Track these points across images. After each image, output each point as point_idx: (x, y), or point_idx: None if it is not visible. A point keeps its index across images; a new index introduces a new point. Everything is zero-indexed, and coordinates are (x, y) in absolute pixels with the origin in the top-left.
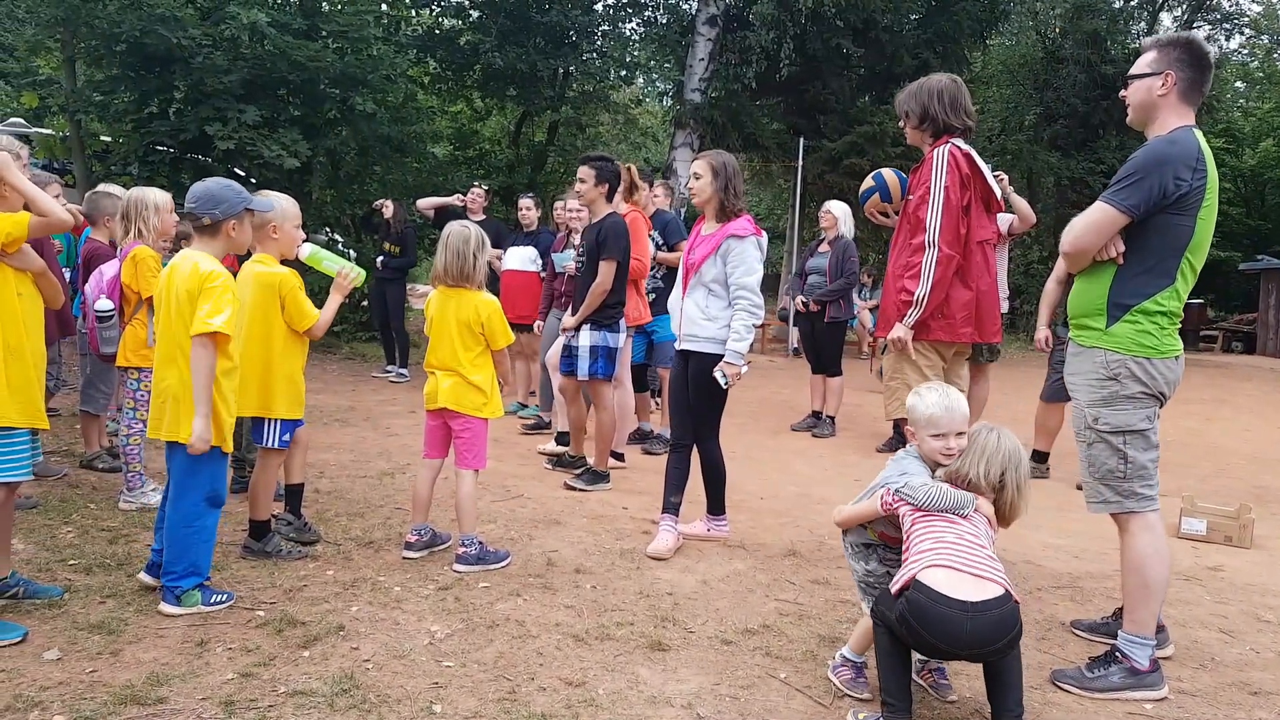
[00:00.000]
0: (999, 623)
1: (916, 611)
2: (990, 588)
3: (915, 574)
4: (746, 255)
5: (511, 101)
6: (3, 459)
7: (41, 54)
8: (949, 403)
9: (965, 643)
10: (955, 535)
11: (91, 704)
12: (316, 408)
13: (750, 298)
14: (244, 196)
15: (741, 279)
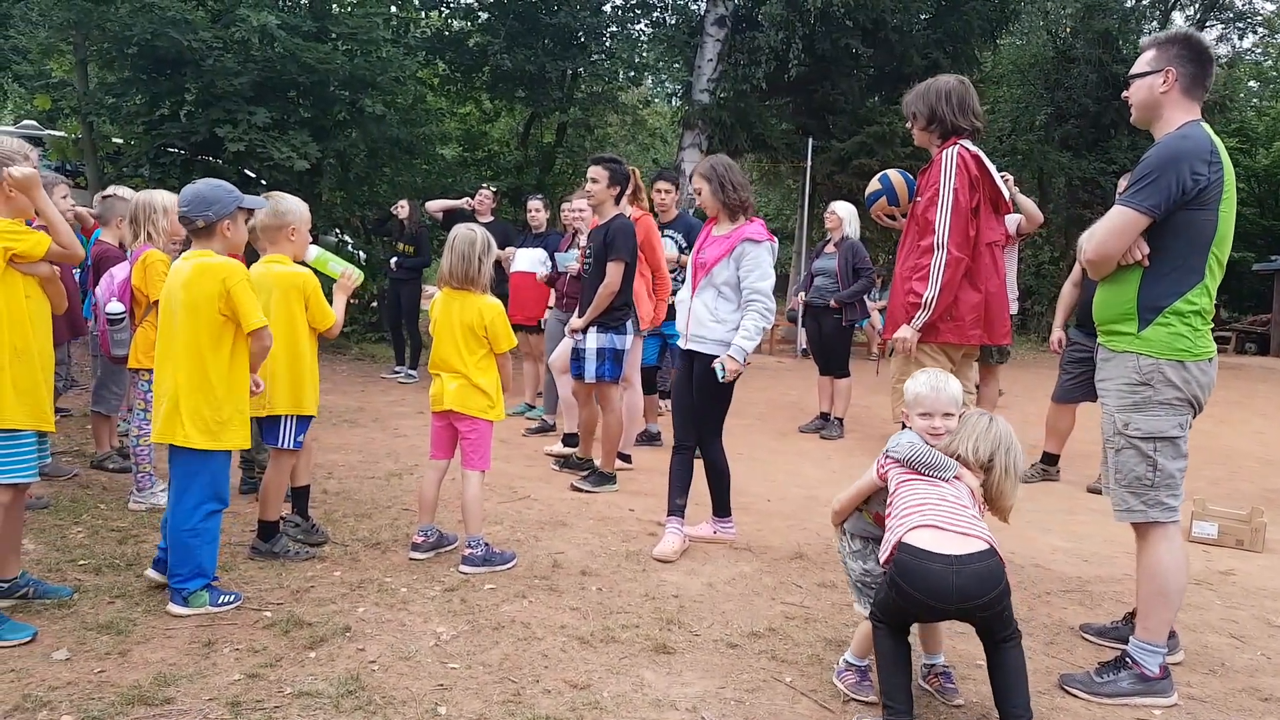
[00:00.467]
0: (984, 576)
1: (903, 571)
2: (974, 542)
3: (900, 537)
4: (761, 260)
5: (520, 103)
6: (10, 461)
7: (54, 57)
8: (936, 383)
9: (952, 597)
10: (938, 496)
11: (99, 704)
12: (326, 408)
13: (764, 301)
14: (235, 195)
15: (756, 283)
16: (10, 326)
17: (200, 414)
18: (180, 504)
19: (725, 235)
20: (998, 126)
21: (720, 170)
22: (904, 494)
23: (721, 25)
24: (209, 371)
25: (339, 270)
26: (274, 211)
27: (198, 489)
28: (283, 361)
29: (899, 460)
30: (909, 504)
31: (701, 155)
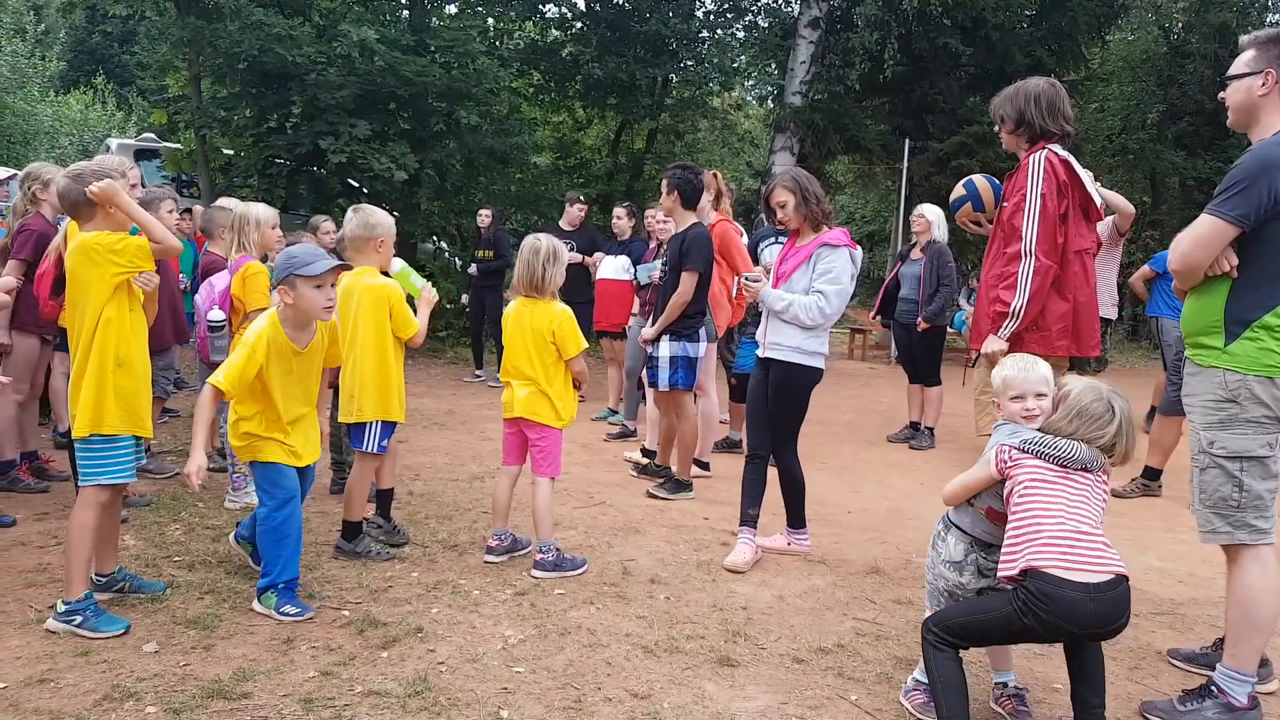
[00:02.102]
0: (1119, 602)
1: (1040, 599)
2: (1107, 564)
3: (1032, 563)
4: (835, 264)
5: (611, 110)
6: (109, 463)
7: (170, 73)
8: (1024, 363)
9: (1088, 624)
10: (1066, 502)
11: (181, 696)
12: (417, 411)
13: (821, 302)
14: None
15: (824, 285)
16: (118, 339)
17: None
18: (262, 508)
19: (805, 245)
20: (1107, 125)
21: (803, 183)
22: (1029, 499)
23: (815, 27)
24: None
25: (419, 284)
26: (363, 224)
27: (277, 493)
28: (370, 369)
29: (1050, 459)
30: (1035, 514)
31: (792, 158)
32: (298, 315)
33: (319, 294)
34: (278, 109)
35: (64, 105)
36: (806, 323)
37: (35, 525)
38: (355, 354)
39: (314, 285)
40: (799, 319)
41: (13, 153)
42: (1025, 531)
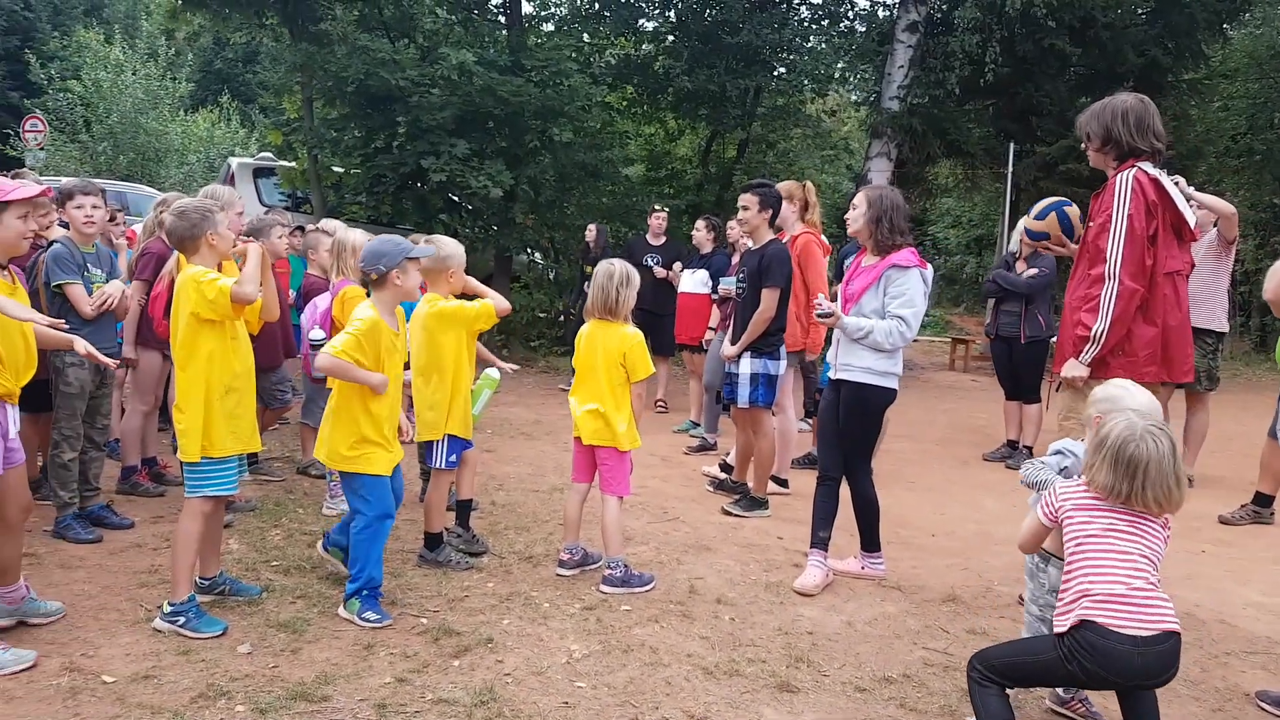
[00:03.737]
0: (1166, 658)
1: (1085, 650)
2: (1158, 619)
3: (1083, 615)
4: (907, 286)
5: (702, 121)
6: (215, 478)
7: (286, 95)
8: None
9: (1131, 677)
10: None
11: (268, 697)
12: (507, 421)
13: (902, 328)
14: (403, 248)
15: (899, 309)
16: (222, 367)
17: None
18: (355, 516)
19: (872, 265)
20: (1231, 125)
21: (885, 204)
22: (1080, 549)
23: (914, 31)
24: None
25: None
26: (436, 256)
27: (365, 502)
28: (438, 389)
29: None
30: (1086, 566)
31: (890, 164)
32: (397, 297)
33: (418, 276)
34: (384, 130)
35: (192, 124)
36: (886, 347)
37: (151, 528)
38: (419, 376)
39: (417, 267)
40: (879, 345)
41: (146, 170)
42: (1077, 583)
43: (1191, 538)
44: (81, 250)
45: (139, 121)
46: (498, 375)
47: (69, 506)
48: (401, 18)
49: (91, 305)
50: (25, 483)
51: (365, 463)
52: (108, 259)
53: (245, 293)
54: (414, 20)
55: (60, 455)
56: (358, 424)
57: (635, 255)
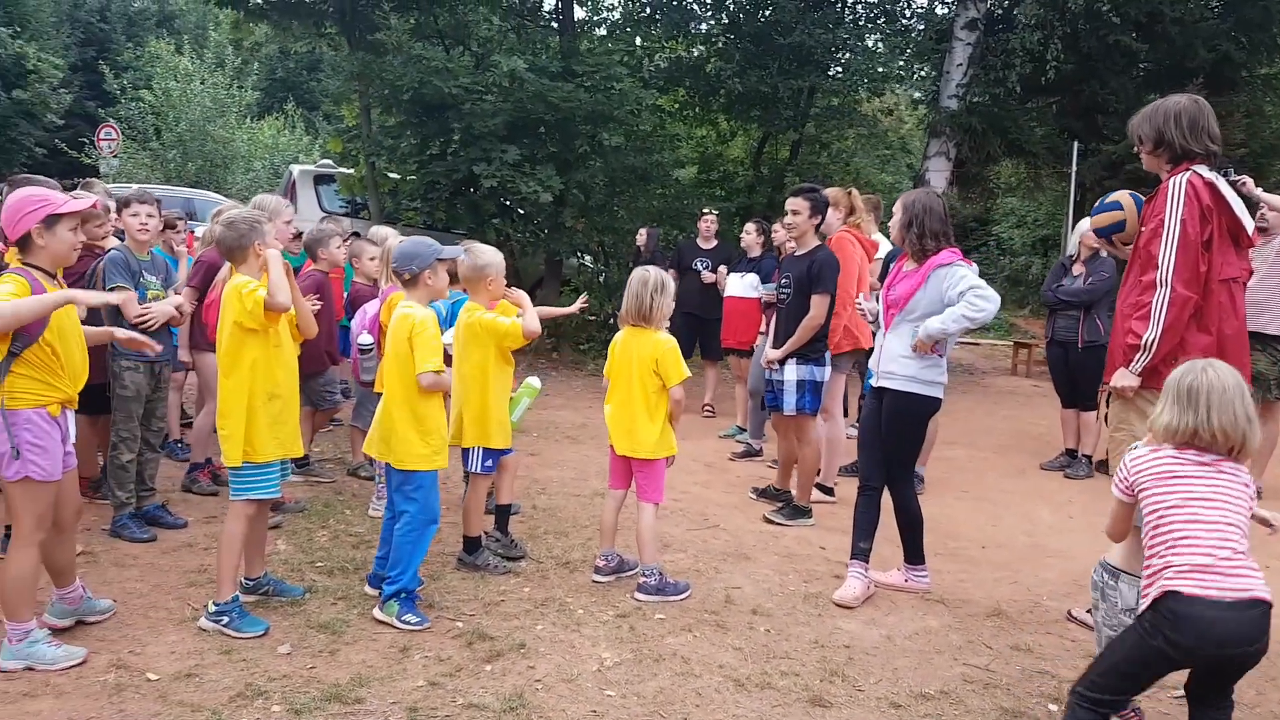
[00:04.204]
0: (1253, 624)
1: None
2: (1243, 588)
3: (1167, 586)
4: (957, 271)
5: (754, 122)
6: (258, 483)
7: (344, 104)
8: None
9: (1220, 642)
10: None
11: (304, 698)
12: (552, 424)
13: (976, 295)
14: (434, 249)
15: (964, 284)
16: (266, 374)
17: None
18: (400, 517)
19: (913, 271)
20: None
21: (918, 209)
22: (1162, 515)
23: (972, 29)
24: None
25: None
26: (473, 266)
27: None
28: (474, 399)
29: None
30: (1170, 532)
31: (948, 164)
32: (429, 296)
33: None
34: (438, 137)
35: (258, 131)
36: (976, 315)
37: (203, 528)
38: (460, 383)
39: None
40: (966, 319)
41: (213, 176)
42: (1158, 559)
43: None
44: (137, 258)
45: (206, 129)
46: (538, 384)
47: (126, 506)
48: (456, 26)
49: (134, 315)
50: (76, 486)
51: (427, 462)
52: (163, 266)
53: (276, 301)
54: (468, 28)
55: (118, 457)
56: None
57: (685, 259)
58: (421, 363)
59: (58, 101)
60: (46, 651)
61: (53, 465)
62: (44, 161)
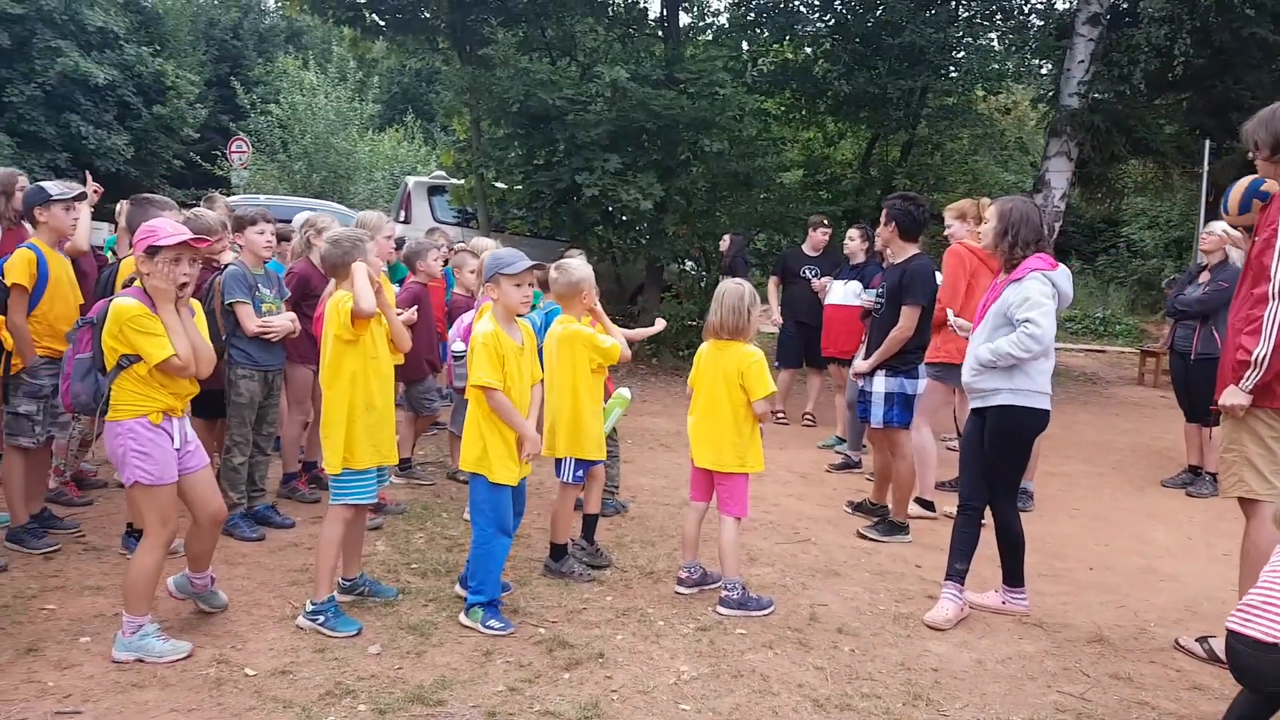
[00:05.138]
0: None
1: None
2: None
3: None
4: (1026, 291)
5: (863, 124)
6: (355, 488)
7: (456, 117)
8: None
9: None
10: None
11: (389, 698)
12: (648, 431)
13: (1029, 329)
14: (499, 264)
15: (1024, 312)
16: (364, 385)
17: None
18: (475, 526)
19: (1000, 283)
20: None
21: (1014, 217)
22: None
23: (1095, 24)
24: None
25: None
26: (568, 281)
27: (485, 515)
28: (564, 409)
29: None
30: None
31: (1070, 164)
32: (503, 311)
33: (518, 291)
34: (543, 147)
35: (379, 143)
36: (1022, 355)
37: (309, 528)
38: (553, 394)
39: (514, 283)
40: (1012, 356)
41: (336, 187)
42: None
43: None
44: (253, 272)
45: (330, 141)
46: (629, 395)
47: (238, 506)
48: (563, 37)
49: (255, 325)
50: (211, 486)
51: (486, 469)
52: (276, 280)
53: (359, 309)
54: (574, 39)
55: (231, 459)
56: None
57: (791, 266)
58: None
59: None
60: (155, 645)
61: (159, 469)
62: (180, 172)
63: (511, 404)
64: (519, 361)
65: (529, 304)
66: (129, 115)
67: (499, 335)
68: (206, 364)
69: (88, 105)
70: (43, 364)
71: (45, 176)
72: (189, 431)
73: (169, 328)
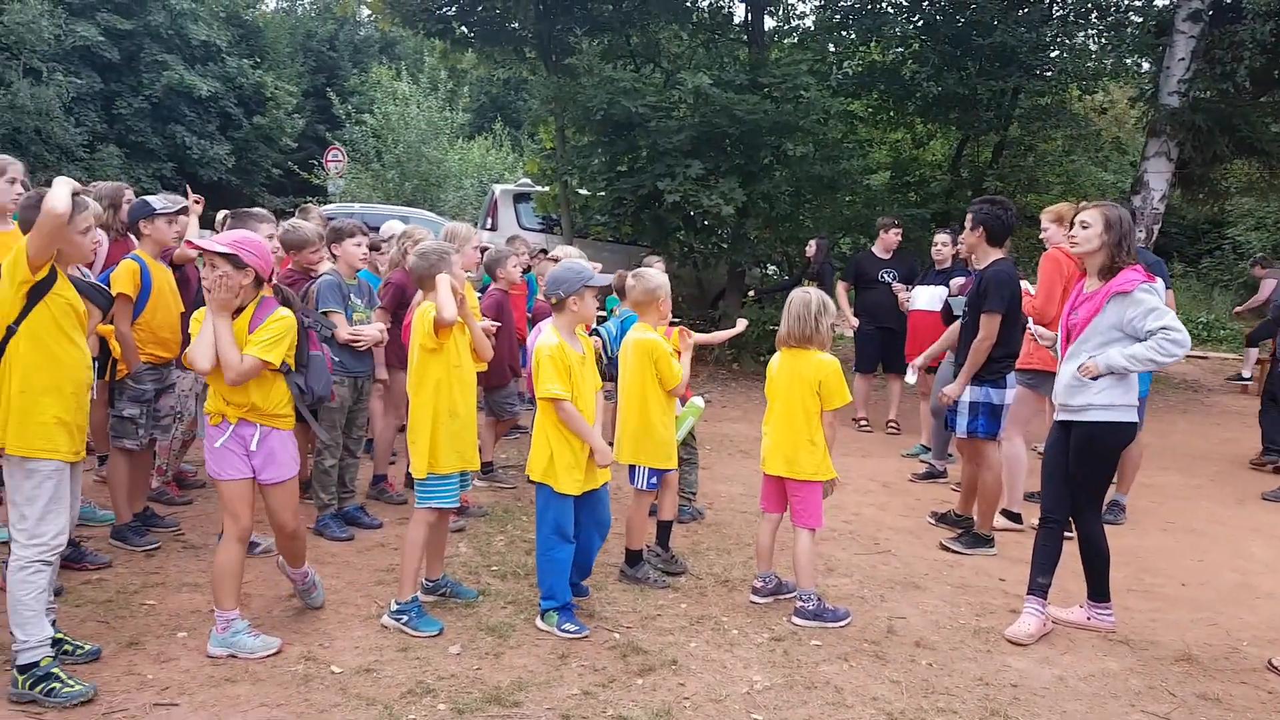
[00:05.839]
0: None
1: None
2: None
3: None
4: (1144, 302)
5: (952, 125)
6: (438, 493)
7: (542, 125)
8: None
9: None
10: None
11: (467, 698)
12: (727, 437)
13: (1170, 334)
14: (583, 276)
15: (1154, 322)
16: (448, 391)
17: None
18: (538, 534)
19: (1094, 293)
20: None
21: (1125, 226)
22: None
23: (1196, 20)
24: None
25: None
26: (646, 289)
27: (547, 522)
28: (633, 416)
29: None
30: None
31: (1170, 164)
32: (573, 321)
33: (595, 302)
34: (626, 154)
35: (468, 151)
36: (1165, 360)
37: (396, 529)
38: (624, 401)
39: (595, 295)
40: (1154, 362)
41: (427, 195)
42: None
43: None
44: (346, 282)
45: (421, 150)
46: (702, 404)
47: (328, 507)
48: (648, 44)
49: (347, 334)
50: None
51: (552, 479)
52: (367, 289)
53: (440, 318)
54: (659, 46)
55: (322, 462)
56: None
57: (865, 271)
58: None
59: (291, 126)
60: (247, 641)
61: (220, 467)
62: (279, 181)
63: (580, 414)
64: (582, 372)
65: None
66: (230, 126)
67: (564, 347)
68: (229, 371)
69: (192, 116)
70: (146, 370)
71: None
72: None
73: (202, 331)
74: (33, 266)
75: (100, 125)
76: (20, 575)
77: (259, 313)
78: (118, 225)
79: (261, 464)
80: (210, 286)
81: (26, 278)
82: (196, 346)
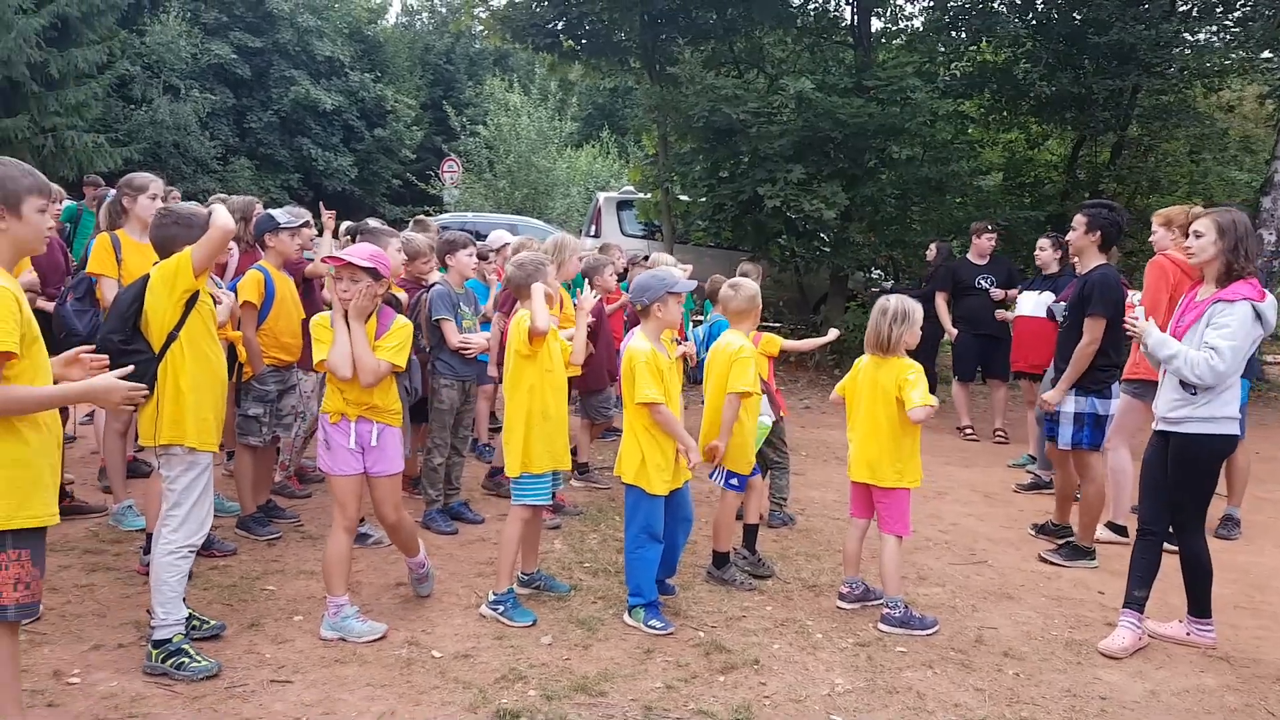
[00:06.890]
0: None
1: None
2: None
3: None
4: (1231, 318)
5: (1068, 126)
6: (531, 490)
7: (645, 133)
8: None
9: None
10: None
11: (556, 686)
12: (823, 444)
13: (1212, 360)
14: (667, 283)
15: (1214, 340)
16: (541, 394)
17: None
18: (628, 532)
19: (1204, 300)
20: None
21: (1240, 230)
22: None
23: None
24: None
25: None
26: (746, 298)
27: (636, 521)
28: (713, 419)
29: None
30: None
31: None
32: (659, 327)
33: (676, 309)
34: (727, 160)
35: (575, 159)
36: (1191, 379)
37: (497, 525)
38: (710, 405)
39: (679, 301)
40: (1180, 373)
41: (537, 202)
42: None
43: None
44: (455, 291)
45: (531, 160)
46: (769, 423)
47: (435, 502)
48: (751, 50)
49: (457, 340)
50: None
51: (644, 481)
52: (473, 299)
53: (534, 326)
54: (763, 51)
55: (431, 459)
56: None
57: (962, 277)
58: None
59: (410, 138)
60: (355, 626)
61: (332, 461)
62: (399, 191)
63: (675, 417)
64: (671, 376)
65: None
66: (353, 138)
67: (656, 353)
68: (366, 375)
69: (317, 129)
70: (269, 372)
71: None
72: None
73: (335, 337)
74: (195, 275)
75: (233, 139)
76: (168, 559)
77: (381, 320)
78: (247, 237)
79: (374, 459)
80: (351, 296)
81: (190, 286)
82: (335, 354)
